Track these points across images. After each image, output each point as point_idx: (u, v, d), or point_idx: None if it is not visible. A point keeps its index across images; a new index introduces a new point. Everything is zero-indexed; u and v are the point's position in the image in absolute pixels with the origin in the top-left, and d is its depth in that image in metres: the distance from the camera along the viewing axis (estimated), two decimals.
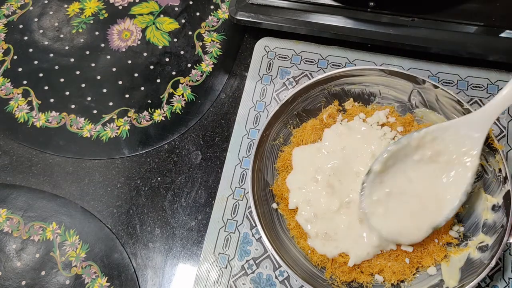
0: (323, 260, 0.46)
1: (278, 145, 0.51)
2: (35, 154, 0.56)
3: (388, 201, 0.44)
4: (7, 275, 0.50)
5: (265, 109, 0.55)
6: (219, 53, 0.61)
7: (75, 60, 0.61)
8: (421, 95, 0.51)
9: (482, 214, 0.46)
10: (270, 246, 0.44)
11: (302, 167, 0.49)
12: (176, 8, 0.65)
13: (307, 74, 0.57)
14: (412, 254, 0.45)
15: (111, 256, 0.50)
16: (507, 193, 0.44)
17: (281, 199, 0.49)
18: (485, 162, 0.47)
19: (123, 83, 0.60)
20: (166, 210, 0.52)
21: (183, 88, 0.59)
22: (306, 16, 0.55)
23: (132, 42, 0.62)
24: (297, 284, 0.47)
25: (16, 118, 0.58)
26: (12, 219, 0.52)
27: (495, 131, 0.52)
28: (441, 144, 0.43)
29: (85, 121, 0.57)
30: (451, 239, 0.46)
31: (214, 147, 0.55)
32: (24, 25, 0.64)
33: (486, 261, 0.42)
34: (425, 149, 0.43)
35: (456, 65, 0.55)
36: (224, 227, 0.50)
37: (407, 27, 0.53)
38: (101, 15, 0.65)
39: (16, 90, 0.60)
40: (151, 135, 0.56)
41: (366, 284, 0.45)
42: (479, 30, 0.52)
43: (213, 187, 0.53)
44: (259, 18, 0.56)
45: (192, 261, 0.50)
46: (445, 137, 0.42)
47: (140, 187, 0.53)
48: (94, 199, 0.53)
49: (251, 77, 0.57)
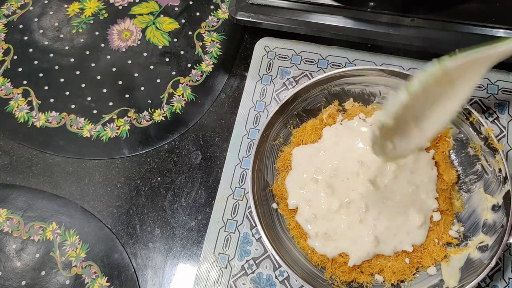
0: (323, 260, 0.46)
1: (278, 145, 0.51)
2: (35, 154, 0.56)
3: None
4: (7, 275, 0.50)
5: (265, 109, 0.55)
6: (219, 53, 0.61)
7: (75, 60, 0.61)
8: None
9: (482, 214, 0.46)
10: (270, 246, 0.44)
11: (302, 167, 0.49)
12: (176, 8, 0.65)
13: (307, 74, 0.57)
14: (412, 254, 0.45)
15: (111, 256, 0.50)
16: (507, 193, 0.44)
17: (281, 199, 0.49)
18: (485, 162, 0.47)
19: (123, 83, 0.60)
20: (166, 210, 0.52)
21: (183, 88, 0.59)
22: (306, 16, 0.55)
23: (132, 42, 0.62)
24: (297, 284, 0.47)
25: (16, 118, 0.58)
26: (12, 219, 0.52)
27: (495, 131, 0.52)
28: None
29: (85, 121, 0.57)
30: (451, 239, 0.46)
31: (214, 147, 0.55)
32: (24, 25, 0.64)
33: (486, 261, 0.42)
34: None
35: None
36: (224, 227, 0.50)
37: (407, 27, 0.53)
38: (101, 15, 0.65)
39: (16, 90, 0.60)
40: (151, 135, 0.56)
41: (366, 284, 0.45)
42: (479, 30, 0.52)
43: (213, 187, 0.53)
44: (259, 18, 0.56)
45: (192, 261, 0.50)
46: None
47: (140, 187, 0.53)
48: (94, 199, 0.53)
49: (251, 77, 0.57)
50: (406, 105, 0.35)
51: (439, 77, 0.34)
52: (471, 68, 0.35)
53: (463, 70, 0.34)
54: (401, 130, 0.38)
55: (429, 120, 0.38)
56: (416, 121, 0.38)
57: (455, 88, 0.36)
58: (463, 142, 0.49)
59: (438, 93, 0.36)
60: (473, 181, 0.48)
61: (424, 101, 0.36)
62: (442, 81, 0.34)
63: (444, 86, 0.35)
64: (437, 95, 0.36)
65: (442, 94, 0.36)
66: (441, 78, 0.34)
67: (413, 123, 0.38)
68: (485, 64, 0.35)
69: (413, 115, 0.37)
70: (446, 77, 0.34)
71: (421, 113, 0.37)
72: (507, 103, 0.53)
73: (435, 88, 0.35)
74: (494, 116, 0.53)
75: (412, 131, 0.38)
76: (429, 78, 0.34)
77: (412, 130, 0.38)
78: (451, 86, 0.36)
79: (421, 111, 0.37)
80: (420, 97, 0.35)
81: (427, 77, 0.34)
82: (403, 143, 0.39)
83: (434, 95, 0.36)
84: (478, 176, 0.48)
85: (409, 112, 0.36)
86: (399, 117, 0.36)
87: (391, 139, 0.39)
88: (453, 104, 0.37)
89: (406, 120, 0.37)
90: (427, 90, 0.34)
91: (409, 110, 0.36)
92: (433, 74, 0.34)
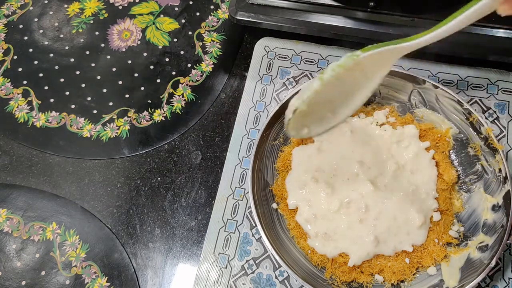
0: (323, 260, 0.46)
1: (278, 145, 0.51)
2: (35, 154, 0.56)
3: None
4: (7, 275, 0.50)
5: (265, 109, 0.55)
6: (219, 53, 0.61)
7: (75, 60, 0.61)
8: (421, 95, 0.51)
9: (482, 214, 0.46)
10: (270, 246, 0.44)
11: (302, 167, 0.49)
12: (176, 8, 0.65)
13: (307, 74, 0.57)
14: (412, 254, 0.45)
15: (111, 256, 0.50)
16: (507, 193, 0.44)
17: (281, 199, 0.49)
18: (485, 162, 0.47)
19: (123, 83, 0.60)
20: (166, 210, 0.52)
21: (183, 88, 0.59)
22: (306, 16, 0.55)
23: (132, 42, 0.62)
24: (297, 284, 0.47)
25: (16, 118, 0.58)
26: (12, 219, 0.52)
27: (495, 131, 0.52)
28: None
29: (85, 121, 0.57)
30: (451, 239, 0.46)
31: (214, 147, 0.55)
32: (24, 25, 0.64)
33: (486, 261, 0.42)
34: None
35: (456, 65, 0.55)
36: (224, 227, 0.50)
37: (407, 27, 0.53)
38: (101, 15, 0.65)
39: (16, 90, 0.60)
40: (151, 135, 0.56)
41: (366, 284, 0.45)
42: (479, 30, 0.52)
43: (213, 187, 0.53)
44: (259, 18, 0.56)
45: (192, 261, 0.50)
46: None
47: (140, 187, 0.53)
48: (94, 199, 0.53)
49: (251, 77, 0.57)
50: (320, 91, 0.37)
51: (351, 66, 0.36)
52: (381, 60, 0.37)
53: (374, 61, 0.37)
54: (315, 114, 0.40)
55: (342, 105, 0.40)
56: (329, 106, 0.40)
57: (367, 77, 0.39)
58: (463, 142, 0.49)
59: (351, 81, 0.39)
60: (473, 181, 0.48)
61: (338, 88, 0.38)
62: (354, 70, 0.37)
63: (357, 75, 0.38)
64: (349, 83, 0.39)
65: (355, 82, 0.39)
66: (353, 68, 0.37)
67: (327, 108, 0.40)
68: (393, 56, 0.38)
69: (326, 100, 0.39)
70: (358, 67, 0.37)
71: (335, 99, 0.40)
72: (507, 103, 0.53)
73: (347, 77, 0.37)
74: (494, 116, 0.53)
75: (326, 115, 0.41)
76: (341, 67, 0.36)
77: (326, 114, 0.41)
78: (363, 76, 0.39)
79: (335, 97, 0.40)
80: (333, 85, 0.37)
81: (340, 66, 0.36)
82: (317, 126, 0.41)
83: (347, 83, 0.39)
84: (478, 176, 0.48)
85: (323, 98, 0.38)
86: (312, 103, 0.38)
87: (306, 125, 0.41)
88: (365, 91, 0.40)
89: (319, 105, 0.39)
90: (340, 78, 0.37)
91: (323, 96, 0.38)
92: (345, 64, 0.36)
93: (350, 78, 0.38)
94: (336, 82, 0.37)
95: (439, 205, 0.47)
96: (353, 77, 0.38)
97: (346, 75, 0.37)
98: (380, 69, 0.39)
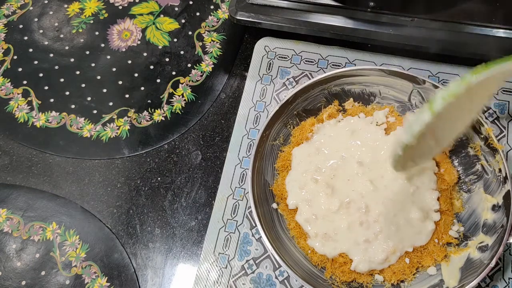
0: (323, 260, 0.46)
1: (278, 145, 0.51)
2: (35, 154, 0.56)
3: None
4: (7, 275, 0.50)
5: (265, 109, 0.55)
6: (219, 53, 0.61)
7: (75, 60, 0.61)
8: (421, 95, 0.51)
9: (482, 214, 0.46)
10: (270, 246, 0.44)
11: (301, 167, 0.49)
12: (176, 8, 0.65)
13: (307, 74, 0.57)
14: (412, 254, 0.45)
15: (111, 256, 0.50)
16: (507, 193, 0.44)
17: (281, 199, 0.49)
18: (485, 162, 0.47)
19: (123, 83, 0.60)
20: (166, 210, 0.52)
21: (183, 88, 0.59)
22: (306, 16, 0.55)
23: (132, 42, 0.62)
24: (297, 284, 0.47)
25: (16, 118, 0.58)
26: (12, 219, 0.52)
27: (495, 131, 0.52)
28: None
29: (85, 121, 0.57)
30: (451, 239, 0.46)
31: (214, 147, 0.55)
32: (24, 25, 0.64)
33: (486, 261, 0.42)
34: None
35: (456, 65, 0.55)
36: (224, 227, 0.50)
37: (407, 27, 0.53)
38: (101, 15, 0.65)
39: (16, 90, 0.60)
40: (151, 135, 0.56)
41: (366, 284, 0.45)
42: (479, 30, 0.52)
43: (213, 187, 0.53)
44: (259, 18, 0.56)
45: (192, 261, 0.50)
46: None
47: (140, 187, 0.53)
48: (94, 199, 0.53)
49: (251, 77, 0.57)
50: (429, 124, 0.34)
51: (462, 94, 0.33)
52: (490, 82, 0.35)
53: (483, 85, 0.34)
54: (421, 145, 0.38)
55: (445, 132, 0.38)
56: (434, 135, 0.38)
57: (472, 100, 0.36)
58: (463, 142, 0.49)
59: (458, 107, 0.36)
60: (473, 181, 0.48)
61: (445, 117, 0.36)
62: (463, 97, 0.34)
63: (465, 100, 0.35)
64: (456, 109, 0.36)
65: (461, 108, 0.36)
66: (464, 95, 0.34)
67: (431, 137, 0.38)
68: (502, 77, 0.35)
69: (432, 130, 0.37)
70: (468, 93, 0.34)
71: (440, 127, 0.37)
72: (507, 103, 0.53)
73: (456, 104, 0.34)
74: (494, 116, 0.53)
75: (430, 144, 0.39)
76: (453, 96, 0.33)
77: (430, 143, 0.39)
78: (470, 100, 0.36)
79: (440, 126, 0.37)
80: (442, 115, 0.34)
81: (451, 95, 0.33)
82: (421, 157, 0.40)
83: (453, 110, 0.36)
84: (478, 176, 0.48)
85: (430, 129, 0.36)
86: (420, 136, 0.36)
87: (412, 158, 0.39)
88: (470, 115, 0.37)
89: (425, 136, 0.37)
90: (449, 107, 0.34)
91: (431, 128, 0.36)
92: (457, 92, 0.33)
93: (457, 104, 0.35)
94: (445, 112, 0.34)
95: (440, 205, 0.47)
96: (460, 103, 0.35)
97: (455, 103, 0.34)
98: (488, 90, 0.36)
